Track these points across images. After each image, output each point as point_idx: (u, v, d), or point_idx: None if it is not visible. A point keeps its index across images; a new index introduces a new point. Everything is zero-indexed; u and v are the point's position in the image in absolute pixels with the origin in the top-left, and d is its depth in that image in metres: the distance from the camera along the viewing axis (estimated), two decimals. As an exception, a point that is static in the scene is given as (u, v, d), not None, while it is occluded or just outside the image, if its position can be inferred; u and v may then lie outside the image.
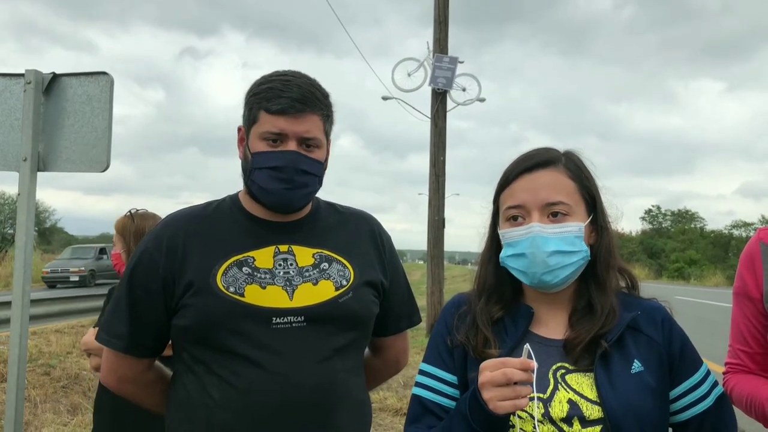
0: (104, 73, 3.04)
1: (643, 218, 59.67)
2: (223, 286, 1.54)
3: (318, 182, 1.63)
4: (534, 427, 1.26)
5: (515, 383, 1.16)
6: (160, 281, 1.57)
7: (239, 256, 1.58)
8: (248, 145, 1.59)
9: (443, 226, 12.21)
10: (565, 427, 1.26)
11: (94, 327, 2.82)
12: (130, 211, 2.83)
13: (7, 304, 7.59)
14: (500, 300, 1.41)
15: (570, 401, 1.27)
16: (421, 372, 1.43)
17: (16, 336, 2.95)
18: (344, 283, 1.62)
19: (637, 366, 1.31)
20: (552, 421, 1.26)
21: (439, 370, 1.40)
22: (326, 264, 1.63)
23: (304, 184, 1.57)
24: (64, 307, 9.45)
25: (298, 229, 1.65)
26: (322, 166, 1.62)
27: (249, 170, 1.58)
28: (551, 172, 1.36)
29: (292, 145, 1.54)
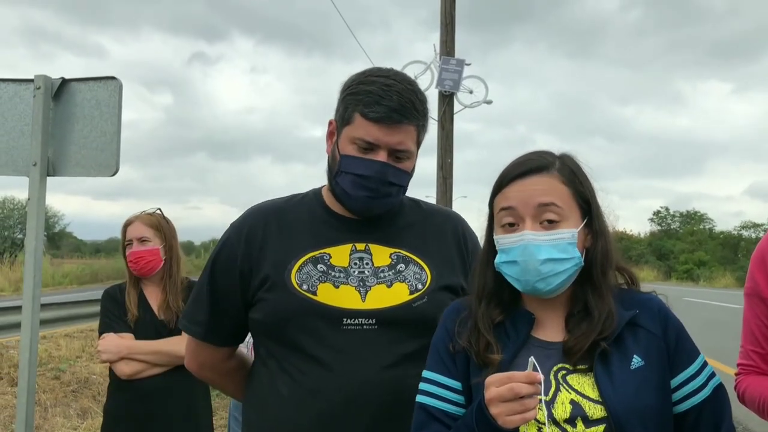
0: (113, 78, 3.05)
1: (651, 220, 59.43)
2: (297, 283, 1.53)
3: (402, 191, 1.62)
4: (538, 430, 1.26)
5: (522, 397, 1.15)
6: (237, 273, 1.59)
7: (315, 253, 1.57)
8: (338, 144, 1.57)
9: (451, 229, 12.19)
10: (568, 428, 1.26)
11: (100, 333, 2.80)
12: (159, 209, 2.90)
13: (17, 309, 7.63)
14: (499, 304, 1.41)
15: (572, 402, 1.27)
16: (425, 379, 1.42)
17: (27, 340, 2.96)
18: (420, 286, 1.58)
19: (636, 361, 1.31)
20: (555, 423, 1.26)
21: (442, 376, 1.39)
22: (403, 265, 1.60)
23: (387, 194, 1.56)
24: (74, 311, 9.46)
25: (377, 228, 1.62)
26: (408, 176, 1.60)
27: (335, 171, 1.57)
28: (544, 178, 1.36)
29: (382, 155, 1.52)
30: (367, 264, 1.57)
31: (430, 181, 12.38)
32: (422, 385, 1.42)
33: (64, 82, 3.08)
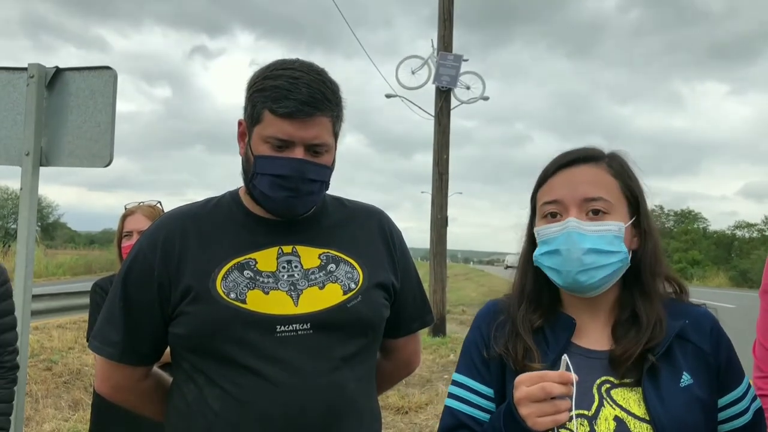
0: (108, 68, 3.02)
1: (646, 218, 59.32)
2: (224, 292, 1.44)
3: (324, 187, 1.54)
4: None
5: (553, 398, 1.09)
6: (155, 286, 1.48)
7: (240, 259, 1.48)
8: (250, 145, 1.49)
9: (446, 225, 12.19)
10: None
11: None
12: (159, 202, 2.79)
13: (9, 299, 7.58)
14: (539, 307, 1.32)
15: (617, 418, 1.19)
16: (455, 383, 1.35)
17: (18, 331, 2.94)
18: (353, 286, 1.52)
19: (686, 378, 1.23)
20: None
21: (474, 381, 1.32)
22: (333, 265, 1.53)
23: (309, 191, 1.48)
24: (67, 302, 9.41)
25: (302, 228, 1.55)
26: (329, 170, 1.52)
27: (251, 173, 1.49)
28: (592, 168, 1.29)
29: (298, 152, 1.44)
30: (296, 267, 1.51)
31: (427, 178, 12.39)
32: (452, 389, 1.35)
33: (58, 72, 3.05)
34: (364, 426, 1.53)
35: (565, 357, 1.12)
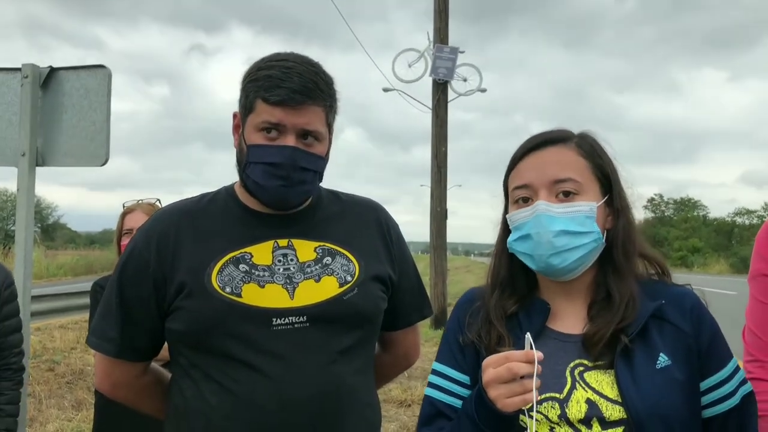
0: (102, 66, 3.02)
1: (645, 207, 59.08)
2: (219, 286, 1.44)
3: (318, 178, 1.53)
4: (551, 430, 1.18)
5: (522, 377, 1.08)
6: (150, 282, 1.48)
7: (235, 253, 1.48)
8: (244, 135, 1.48)
9: (446, 217, 12.19)
10: (583, 428, 1.17)
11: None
12: (158, 200, 2.79)
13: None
14: (514, 293, 1.32)
15: (588, 401, 1.18)
16: (434, 372, 1.35)
17: (18, 332, 2.94)
18: (349, 278, 1.51)
19: (663, 360, 1.20)
20: (569, 423, 1.17)
21: (452, 369, 1.32)
22: (329, 258, 1.53)
23: (302, 180, 1.47)
24: (68, 302, 9.40)
25: (298, 222, 1.55)
26: (322, 161, 1.51)
27: (244, 163, 1.48)
28: (560, 149, 1.27)
29: (290, 140, 1.43)
30: (291, 260, 1.50)
31: (424, 170, 12.39)
32: (431, 378, 1.35)
33: (52, 71, 3.04)
34: (362, 419, 1.52)
35: (527, 335, 1.10)
